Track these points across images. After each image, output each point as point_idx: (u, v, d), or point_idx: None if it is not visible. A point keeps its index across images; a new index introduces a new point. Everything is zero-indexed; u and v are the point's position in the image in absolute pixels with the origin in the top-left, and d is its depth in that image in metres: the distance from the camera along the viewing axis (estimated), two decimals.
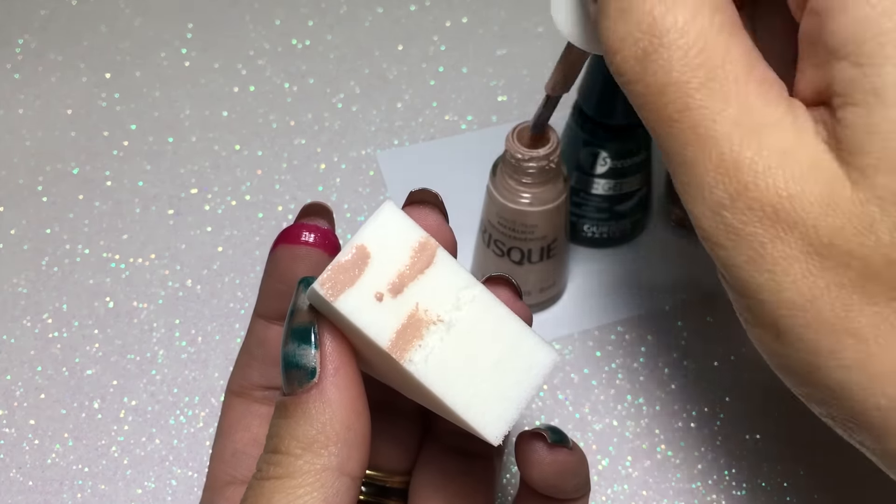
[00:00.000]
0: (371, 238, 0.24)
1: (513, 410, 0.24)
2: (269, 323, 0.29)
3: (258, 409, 0.29)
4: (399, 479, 0.31)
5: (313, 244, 0.28)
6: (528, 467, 0.28)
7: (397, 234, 0.24)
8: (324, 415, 0.23)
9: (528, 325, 0.26)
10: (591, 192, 0.44)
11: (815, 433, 0.41)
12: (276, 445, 0.24)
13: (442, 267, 0.25)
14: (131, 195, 0.49)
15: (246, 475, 0.29)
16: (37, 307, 0.45)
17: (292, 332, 0.24)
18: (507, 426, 0.24)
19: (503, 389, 0.24)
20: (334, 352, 0.24)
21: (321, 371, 0.24)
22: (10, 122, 0.52)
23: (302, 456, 0.23)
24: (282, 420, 0.24)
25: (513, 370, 0.25)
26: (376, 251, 0.24)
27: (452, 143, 0.52)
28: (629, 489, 0.40)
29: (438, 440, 0.31)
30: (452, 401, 0.24)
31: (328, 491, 0.23)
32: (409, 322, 0.24)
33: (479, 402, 0.24)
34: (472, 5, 0.58)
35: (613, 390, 0.42)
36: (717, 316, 0.45)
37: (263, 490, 0.23)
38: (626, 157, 0.43)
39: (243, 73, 0.55)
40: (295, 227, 0.29)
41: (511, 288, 0.29)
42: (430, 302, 0.24)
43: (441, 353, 0.24)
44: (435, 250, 0.25)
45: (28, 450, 0.41)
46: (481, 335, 0.25)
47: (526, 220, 0.40)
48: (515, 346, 0.25)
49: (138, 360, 0.43)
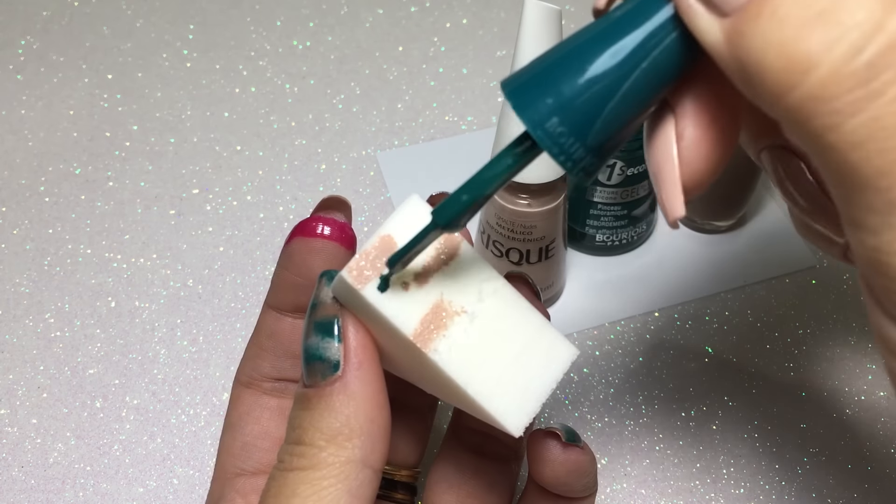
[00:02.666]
0: (397, 228, 0.24)
1: (534, 403, 0.25)
2: (282, 315, 0.29)
3: (268, 402, 0.30)
4: (406, 473, 0.31)
5: (329, 237, 0.28)
6: (540, 465, 0.28)
7: (422, 226, 0.24)
8: (348, 408, 0.24)
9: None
10: (609, 203, 0.44)
11: (813, 433, 0.42)
12: (299, 437, 0.24)
13: (465, 259, 0.25)
14: (133, 195, 0.50)
15: (255, 467, 0.29)
16: (39, 307, 0.45)
17: (315, 325, 0.24)
18: (529, 418, 0.24)
19: (524, 382, 0.25)
20: (358, 346, 0.24)
21: (345, 364, 0.24)
22: (13, 122, 0.53)
23: (326, 448, 0.23)
24: (304, 412, 0.24)
25: (533, 364, 0.25)
26: (402, 242, 0.24)
27: (452, 143, 0.52)
28: (628, 487, 0.40)
29: (459, 438, 0.31)
30: (475, 391, 0.24)
31: (352, 483, 0.23)
32: (434, 312, 0.24)
33: (502, 394, 0.24)
34: (472, 7, 0.58)
35: (613, 389, 0.43)
36: (716, 315, 0.45)
37: (287, 481, 0.24)
38: (641, 163, 0.43)
39: (244, 74, 0.55)
40: (311, 219, 0.29)
41: (529, 286, 0.29)
42: (455, 293, 0.24)
43: (465, 343, 0.24)
44: (459, 243, 0.25)
45: (30, 448, 0.41)
46: (503, 328, 0.25)
47: (525, 221, 0.40)
48: (536, 340, 0.25)
49: (140, 359, 0.44)
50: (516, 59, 0.34)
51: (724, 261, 0.47)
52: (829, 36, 0.18)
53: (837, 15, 0.18)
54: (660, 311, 0.45)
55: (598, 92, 0.20)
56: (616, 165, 0.42)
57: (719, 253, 0.47)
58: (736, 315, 0.45)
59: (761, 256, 0.47)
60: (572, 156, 0.21)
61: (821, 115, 0.18)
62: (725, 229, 0.48)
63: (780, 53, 0.18)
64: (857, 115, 0.18)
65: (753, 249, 0.47)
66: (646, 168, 0.43)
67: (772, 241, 0.48)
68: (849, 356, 0.44)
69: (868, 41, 0.17)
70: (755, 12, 0.18)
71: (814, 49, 0.18)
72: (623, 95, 0.20)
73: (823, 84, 0.18)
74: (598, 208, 0.44)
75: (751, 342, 0.44)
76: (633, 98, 0.21)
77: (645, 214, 0.45)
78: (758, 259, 0.47)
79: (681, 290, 0.46)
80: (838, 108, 0.18)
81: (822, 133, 0.18)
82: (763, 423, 0.42)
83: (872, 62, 0.17)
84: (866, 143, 0.18)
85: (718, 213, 0.47)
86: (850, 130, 0.18)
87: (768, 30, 0.18)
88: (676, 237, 0.48)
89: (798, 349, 0.44)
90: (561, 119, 0.20)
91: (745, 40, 0.18)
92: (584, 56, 0.21)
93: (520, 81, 0.21)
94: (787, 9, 0.18)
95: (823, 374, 0.43)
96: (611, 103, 0.20)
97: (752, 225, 0.48)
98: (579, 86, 0.20)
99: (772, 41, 0.18)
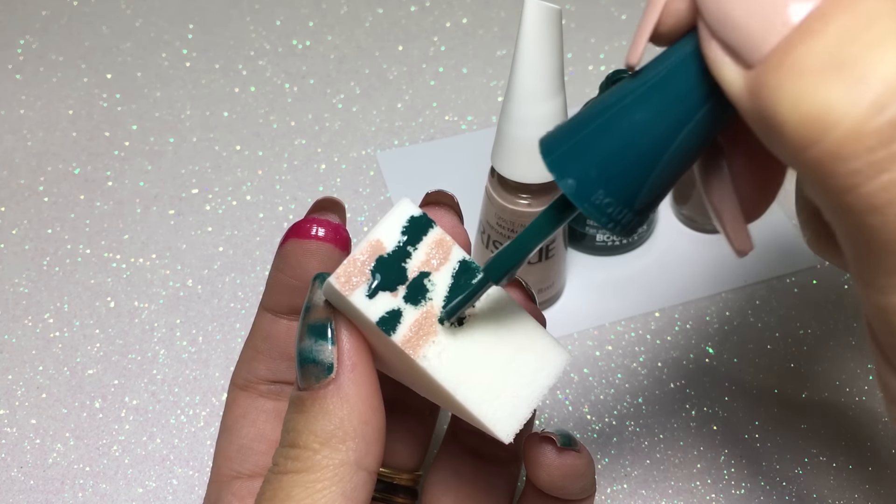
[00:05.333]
0: (387, 233, 0.24)
1: (524, 409, 0.24)
2: (277, 317, 0.29)
3: (264, 404, 0.29)
4: (406, 476, 0.31)
5: (324, 239, 0.28)
6: (536, 469, 0.28)
7: (413, 231, 0.24)
8: (342, 410, 0.24)
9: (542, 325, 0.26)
10: None
11: (813, 434, 0.41)
12: (293, 440, 0.24)
13: (456, 264, 0.25)
14: (132, 195, 0.49)
15: (252, 469, 0.29)
16: (38, 307, 0.45)
17: (309, 327, 0.24)
18: (519, 424, 0.24)
19: (515, 388, 0.24)
20: (352, 348, 0.24)
21: (338, 367, 0.24)
22: (12, 122, 0.52)
23: (320, 451, 0.23)
24: (298, 415, 0.24)
25: (525, 369, 0.25)
26: (392, 246, 0.24)
27: (452, 143, 0.52)
28: (629, 488, 0.40)
29: (458, 441, 0.31)
30: (464, 397, 0.24)
31: (346, 485, 0.23)
32: (424, 317, 0.24)
33: (492, 400, 0.24)
34: (472, 6, 0.58)
35: (613, 390, 0.43)
36: (716, 315, 0.45)
37: (282, 484, 0.24)
38: None
39: (244, 74, 0.55)
40: (305, 221, 0.28)
41: (523, 291, 0.29)
42: (445, 298, 0.24)
43: (454, 350, 0.24)
44: (450, 247, 0.25)
45: (29, 449, 0.41)
46: (494, 333, 0.25)
47: (525, 221, 0.40)
48: (528, 346, 0.25)
49: (139, 359, 0.44)
50: (516, 59, 0.34)
51: (725, 261, 0.47)
52: (850, 91, 0.16)
53: (861, 69, 0.16)
54: (660, 311, 0.45)
55: (643, 160, 0.20)
56: None
57: (720, 253, 0.47)
58: (736, 315, 0.45)
59: (762, 256, 0.47)
60: (620, 221, 0.20)
61: (839, 176, 0.17)
62: None
63: (799, 108, 0.17)
64: (877, 178, 0.17)
65: (754, 249, 0.47)
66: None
67: (772, 241, 0.47)
68: (849, 356, 0.44)
69: (893, 98, 0.16)
70: (776, 63, 0.17)
71: (834, 105, 0.17)
72: (668, 160, 0.20)
73: (843, 143, 0.17)
74: None
75: (751, 342, 0.44)
76: (678, 160, 0.20)
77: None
78: (758, 259, 0.47)
79: (681, 290, 0.46)
80: (857, 169, 0.17)
81: (839, 193, 0.17)
82: (763, 424, 0.42)
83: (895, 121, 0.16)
84: (886, 208, 0.17)
85: None
86: (869, 193, 0.17)
87: (788, 82, 0.17)
88: (676, 237, 0.48)
89: (799, 349, 0.44)
90: (607, 191, 0.20)
91: (765, 91, 0.18)
92: (626, 124, 0.20)
93: (561, 150, 0.21)
94: (807, 60, 0.17)
95: (824, 374, 0.43)
96: (656, 169, 0.20)
97: (752, 225, 0.48)
98: (624, 156, 0.20)
99: (791, 95, 0.17)
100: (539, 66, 0.34)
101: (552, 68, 0.34)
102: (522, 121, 0.36)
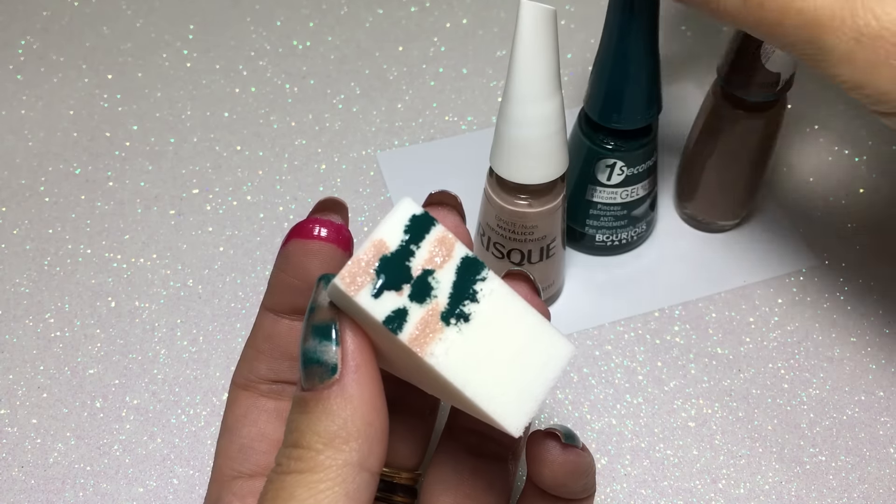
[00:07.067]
0: (390, 232, 0.24)
1: (532, 403, 0.25)
2: (279, 317, 0.29)
3: (265, 404, 0.30)
4: (406, 476, 0.31)
5: (326, 239, 0.28)
6: (539, 466, 0.28)
7: (416, 229, 0.24)
8: (345, 411, 0.24)
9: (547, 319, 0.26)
10: (609, 203, 0.44)
11: (813, 433, 0.42)
12: (296, 440, 0.24)
13: (460, 260, 0.25)
14: (133, 195, 0.50)
15: (253, 469, 0.29)
16: (39, 307, 0.45)
17: (313, 328, 0.24)
18: (528, 418, 0.24)
19: (522, 382, 0.24)
20: (356, 349, 0.24)
21: (343, 368, 0.24)
22: (13, 122, 0.53)
23: (323, 451, 0.23)
24: (302, 415, 0.24)
25: (531, 363, 0.25)
26: (395, 246, 0.24)
27: (452, 143, 0.52)
28: (628, 488, 0.40)
29: (456, 439, 0.31)
30: (473, 393, 0.24)
31: (349, 486, 0.23)
32: (430, 315, 0.24)
33: (500, 395, 0.24)
34: (472, 6, 0.58)
35: (612, 389, 0.43)
36: (716, 315, 0.45)
37: (285, 484, 0.24)
38: (640, 163, 0.43)
39: (244, 74, 0.55)
40: (308, 221, 0.28)
41: (529, 284, 0.29)
42: (450, 295, 0.24)
43: (461, 346, 0.24)
44: (453, 244, 0.25)
45: (30, 449, 0.41)
46: (500, 328, 0.25)
47: (525, 221, 0.40)
48: (533, 340, 0.25)
49: (140, 359, 0.44)
50: (513, 61, 0.34)
51: (725, 261, 0.47)
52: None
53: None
54: (660, 311, 0.45)
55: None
56: (616, 165, 0.42)
57: (720, 253, 0.47)
58: (736, 315, 0.45)
59: (761, 256, 0.47)
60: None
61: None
62: (729, 228, 0.48)
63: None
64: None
65: (754, 249, 0.47)
66: (646, 168, 0.43)
67: (772, 241, 0.47)
68: (849, 356, 0.44)
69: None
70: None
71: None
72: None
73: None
74: (597, 208, 0.44)
75: (751, 342, 0.44)
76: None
77: (645, 214, 0.45)
78: (758, 259, 0.47)
79: (681, 290, 0.46)
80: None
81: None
82: (763, 423, 0.42)
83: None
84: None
85: (724, 212, 0.47)
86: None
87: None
88: (676, 237, 0.48)
89: (798, 349, 0.44)
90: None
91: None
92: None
93: None
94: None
95: (824, 373, 0.43)
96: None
97: (752, 225, 0.48)
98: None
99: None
100: (535, 67, 0.34)
101: (548, 69, 0.34)
102: (519, 122, 0.36)
